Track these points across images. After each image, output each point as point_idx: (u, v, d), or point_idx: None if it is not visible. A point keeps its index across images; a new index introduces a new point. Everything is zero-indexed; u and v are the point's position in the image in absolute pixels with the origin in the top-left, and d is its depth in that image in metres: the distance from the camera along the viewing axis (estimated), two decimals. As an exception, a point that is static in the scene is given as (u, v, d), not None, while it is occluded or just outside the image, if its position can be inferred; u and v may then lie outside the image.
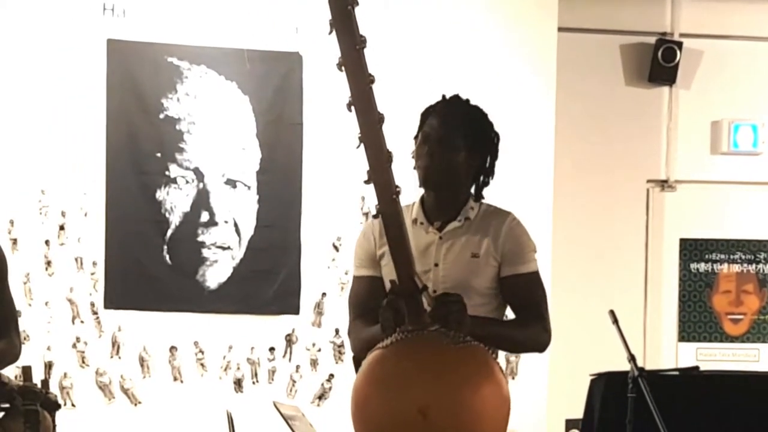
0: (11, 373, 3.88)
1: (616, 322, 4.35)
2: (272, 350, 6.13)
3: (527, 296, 3.30)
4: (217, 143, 6.10)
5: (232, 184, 6.12)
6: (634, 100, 7.17)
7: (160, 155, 6.04)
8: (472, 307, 3.06)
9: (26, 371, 3.74)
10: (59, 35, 5.91)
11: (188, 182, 6.07)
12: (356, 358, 3.21)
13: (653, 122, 7.19)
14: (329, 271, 6.15)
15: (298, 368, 6.14)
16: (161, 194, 6.04)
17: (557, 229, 6.44)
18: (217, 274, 6.10)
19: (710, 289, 7.22)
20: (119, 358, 6.00)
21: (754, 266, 7.24)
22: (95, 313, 5.96)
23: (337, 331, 6.12)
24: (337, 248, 6.16)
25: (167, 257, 6.05)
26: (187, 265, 6.07)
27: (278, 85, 6.15)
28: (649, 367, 5.00)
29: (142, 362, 6.01)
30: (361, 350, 3.14)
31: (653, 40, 7.08)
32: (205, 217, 6.09)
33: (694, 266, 7.21)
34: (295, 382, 6.14)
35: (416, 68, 6.15)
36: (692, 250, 7.22)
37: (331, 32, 2.64)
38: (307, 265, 6.14)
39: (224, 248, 6.10)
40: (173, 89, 6.04)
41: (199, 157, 6.08)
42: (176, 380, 6.05)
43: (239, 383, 6.10)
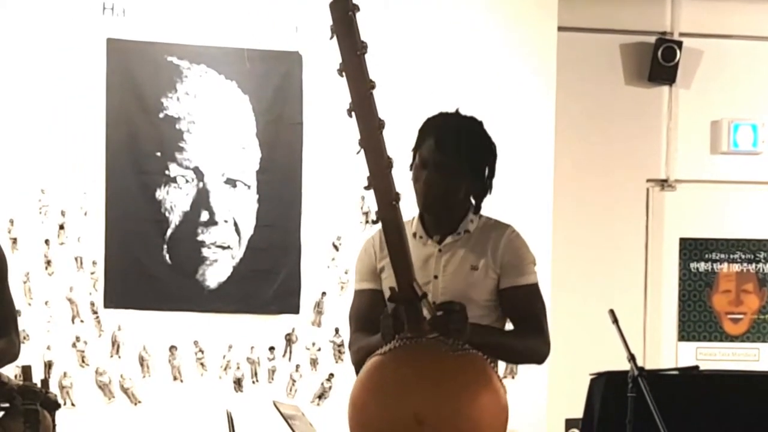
0: (11, 372, 3.87)
1: (616, 321, 4.35)
2: (272, 350, 6.13)
3: (526, 308, 3.27)
4: (217, 143, 6.09)
5: (231, 183, 6.12)
6: (634, 99, 7.16)
7: (159, 155, 6.03)
8: (471, 319, 3.04)
9: (26, 371, 3.73)
10: (59, 35, 5.90)
11: (188, 182, 6.07)
12: (357, 369, 3.17)
13: (653, 122, 7.18)
14: (329, 270, 6.15)
15: (297, 368, 6.14)
16: (161, 194, 6.04)
17: (557, 228, 6.43)
18: (216, 273, 6.10)
19: (710, 288, 7.22)
20: (119, 357, 6.00)
21: (753, 266, 7.24)
22: (95, 312, 5.96)
23: (337, 330, 6.12)
24: (337, 248, 6.15)
25: (167, 257, 6.04)
26: (186, 264, 6.07)
27: (278, 84, 6.15)
28: (649, 366, 5.01)
29: (141, 362, 6.01)
30: (360, 360, 3.10)
31: (653, 39, 7.07)
32: (204, 216, 6.09)
33: (693, 266, 7.21)
34: (294, 381, 6.14)
35: (416, 68, 6.14)
36: (692, 249, 7.21)
37: (332, 38, 2.64)
38: (307, 264, 6.14)
39: (224, 248, 6.10)
40: (173, 88, 6.04)
41: (198, 156, 6.08)
42: (176, 380, 6.05)
43: (239, 383, 6.10)
